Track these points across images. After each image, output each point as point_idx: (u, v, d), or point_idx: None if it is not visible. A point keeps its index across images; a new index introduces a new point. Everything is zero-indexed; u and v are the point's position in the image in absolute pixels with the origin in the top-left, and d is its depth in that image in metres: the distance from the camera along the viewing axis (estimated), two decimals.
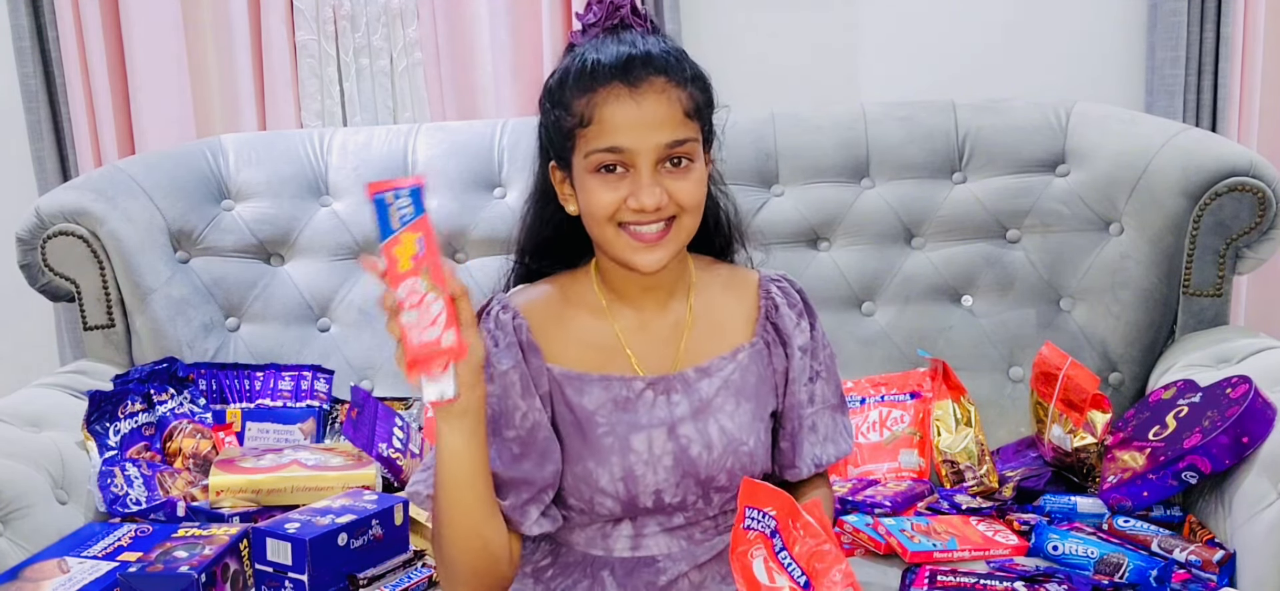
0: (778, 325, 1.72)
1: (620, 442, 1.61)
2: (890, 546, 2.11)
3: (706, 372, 1.67)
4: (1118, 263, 2.58)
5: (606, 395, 1.63)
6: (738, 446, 1.65)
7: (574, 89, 1.56)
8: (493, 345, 1.61)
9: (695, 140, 1.59)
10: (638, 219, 1.56)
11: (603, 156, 1.55)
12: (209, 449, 2.48)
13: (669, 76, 1.56)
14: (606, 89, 1.54)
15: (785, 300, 1.74)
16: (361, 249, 2.82)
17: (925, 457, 2.51)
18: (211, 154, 2.87)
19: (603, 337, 1.67)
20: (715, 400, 1.65)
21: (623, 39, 1.58)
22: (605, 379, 1.64)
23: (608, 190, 1.55)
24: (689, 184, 1.57)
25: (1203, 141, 2.54)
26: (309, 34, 3.33)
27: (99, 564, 2.02)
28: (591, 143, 1.55)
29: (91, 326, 2.65)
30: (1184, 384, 2.26)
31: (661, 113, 1.54)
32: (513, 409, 1.60)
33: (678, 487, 1.63)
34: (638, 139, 1.54)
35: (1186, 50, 3.04)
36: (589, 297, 1.69)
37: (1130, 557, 1.98)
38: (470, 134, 2.90)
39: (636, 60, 1.54)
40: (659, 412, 1.63)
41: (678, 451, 1.62)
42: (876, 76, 3.27)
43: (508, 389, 1.60)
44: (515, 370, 1.61)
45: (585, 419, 1.62)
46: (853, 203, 2.76)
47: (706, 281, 1.73)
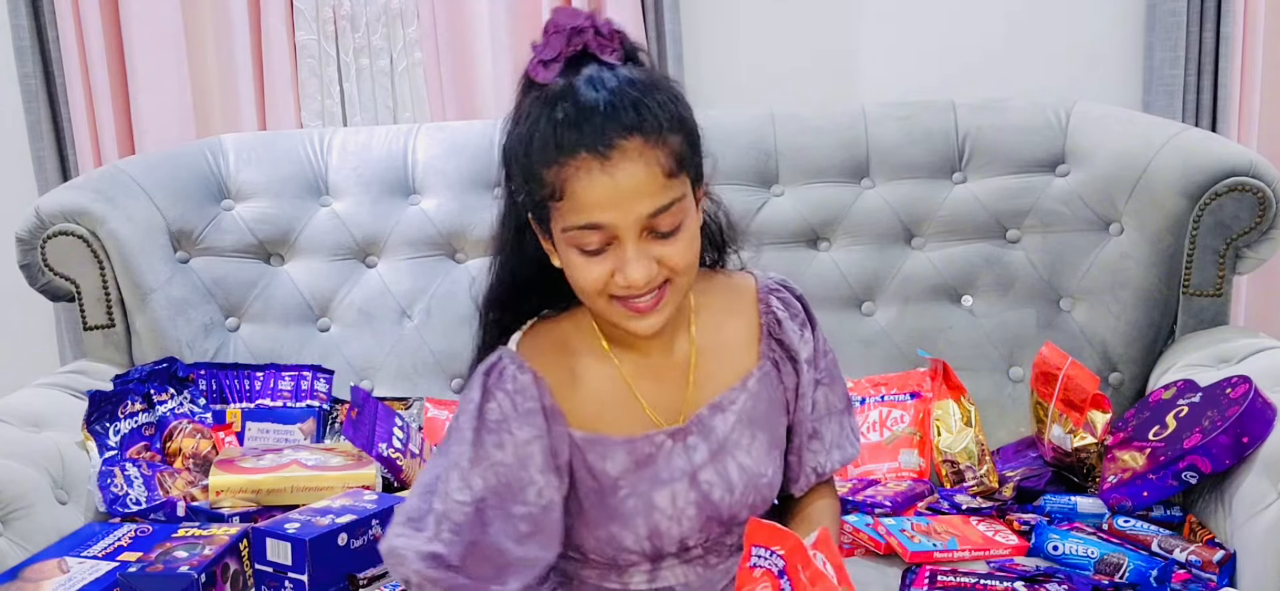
0: (782, 341, 1.64)
1: (644, 502, 1.54)
2: (890, 546, 2.11)
3: (720, 408, 1.59)
4: (1117, 263, 2.58)
5: (630, 458, 1.54)
6: (757, 480, 1.60)
7: (540, 159, 1.39)
8: (511, 409, 1.48)
9: (681, 198, 1.43)
10: (628, 293, 1.43)
11: (581, 235, 1.40)
12: (209, 449, 2.48)
13: (644, 136, 1.37)
14: (575, 161, 1.36)
15: (787, 312, 1.65)
16: (361, 248, 2.82)
17: (925, 457, 2.51)
18: (211, 154, 2.86)
19: (613, 388, 1.56)
20: (731, 436, 1.58)
21: (584, 80, 1.39)
22: (629, 441, 1.54)
23: (593, 267, 1.42)
24: (679, 248, 1.43)
25: (1202, 141, 2.54)
26: (309, 34, 3.33)
27: (99, 564, 2.01)
28: (567, 219, 1.40)
29: (91, 326, 2.65)
30: (1184, 384, 2.26)
31: (639, 180, 1.37)
32: (527, 483, 1.48)
33: (701, 531, 1.58)
34: (615, 214, 1.38)
35: (1186, 50, 3.04)
36: (590, 343, 1.58)
37: (1130, 557, 1.98)
38: (470, 134, 2.90)
39: (605, 123, 1.36)
40: (678, 462, 1.56)
41: (700, 499, 1.56)
42: (876, 76, 3.27)
43: (526, 461, 1.48)
44: (537, 442, 1.49)
45: (608, 485, 1.53)
46: (853, 203, 2.76)
47: (705, 303, 1.63)
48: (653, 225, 1.40)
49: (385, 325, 2.79)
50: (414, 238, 2.82)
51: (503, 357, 1.52)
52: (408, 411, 2.64)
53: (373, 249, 2.84)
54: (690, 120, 1.45)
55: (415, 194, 2.87)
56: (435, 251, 2.82)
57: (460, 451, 1.47)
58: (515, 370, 1.50)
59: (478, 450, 1.47)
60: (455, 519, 1.44)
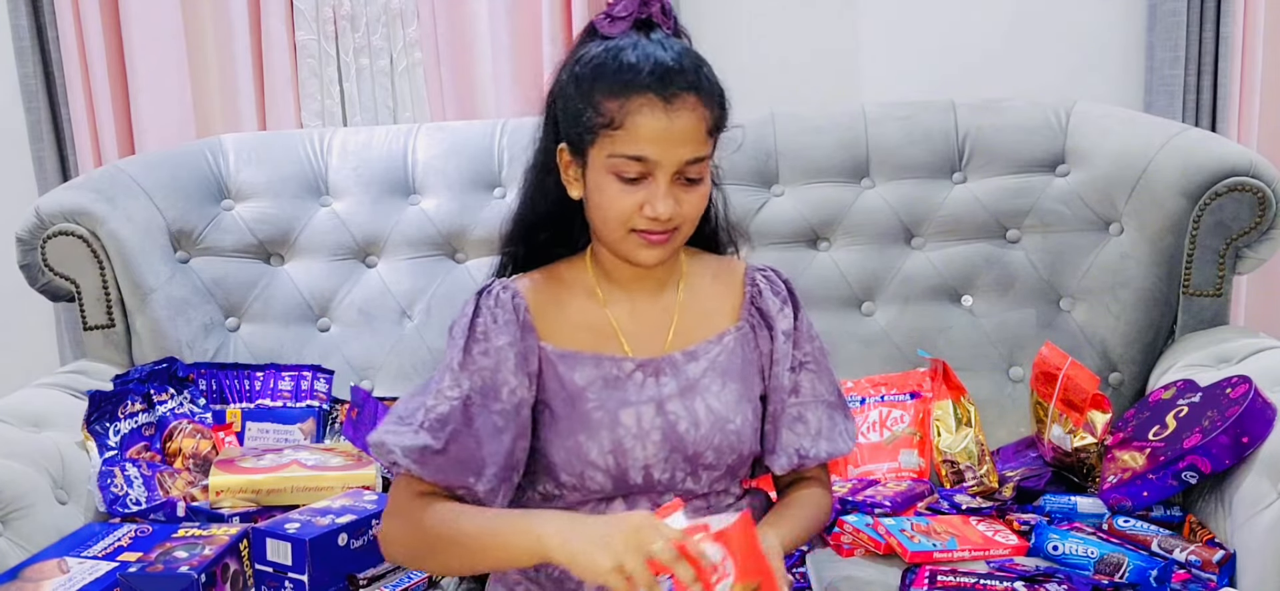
0: (762, 309, 1.76)
1: (609, 417, 1.65)
2: (890, 546, 2.11)
3: (694, 356, 1.71)
4: (1118, 263, 2.58)
5: (597, 373, 1.67)
6: (724, 424, 1.68)
7: (607, 88, 1.58)
8: (492, 321, 1.64)
9: (710, 157, 1.64)
10: (650, 226, 1.60)
11: (626, 164, 1.58)
12: (209, 449, 2.48)
13: (700, 94, 1.59)
14: (641, 97, 1.56)
15: (769, 287, 1.78)
16: (361, 248, 2.82)
17: (925, 458, 2.51)
18: (211, 154, 2.86)
19: (596, 321, 1.71)
20: (702, 380, 1.70)
21: (653, 40, 1.60)
22: (597, 358, 1.68)
23: (624, 195, 1.59)
24: (696, 198, 1.63)
25: (1202, 141, 2.54)
26: (309, 34, 3.33)
27: (99, 564, 2.01)
28: (618, 147, 1.58)
29: (91, 326, 2.65)
30: (1184, 384, 2.26)
31: (689, 130, 1.58)
32: (502, 384, 1.63)
33: (666, 462, 1.67)
34: (664, 152, 1.57)
35: (1186, 50, 3.04)
36: (584, 282, 1.73)
37: (1130, 557, 1.98)
38: (470, 134, 2.90)
39: (673, 74, 1.56)
40: (648, 391, 1.67)
41: (666, 427, 1.66)
42: (877, 76, 3.27)
43: (500, 363, 1.63)
44: (511, 347, 1.64)
45: (576, 393, 1.66)
46: (853, 203, 2.76)
47: (696, 271, 1.78)
48: (686, 171, 1.59)
49: (385, 325, 2.80)
50: (414, 238, 2.82)
51: (494, 282, 1.71)
52: None
53: (373, 249, 2.84)
54: (727, 103, 1.66)
55: (415, 194, 2.87)
56: (435, 251, 2.83)
57: (453, 356, 1.63)
58: (500, 290, 1.68)
59: (467, 355, 1.63)
60: (442, 412, 1.59)
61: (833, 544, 2.20)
